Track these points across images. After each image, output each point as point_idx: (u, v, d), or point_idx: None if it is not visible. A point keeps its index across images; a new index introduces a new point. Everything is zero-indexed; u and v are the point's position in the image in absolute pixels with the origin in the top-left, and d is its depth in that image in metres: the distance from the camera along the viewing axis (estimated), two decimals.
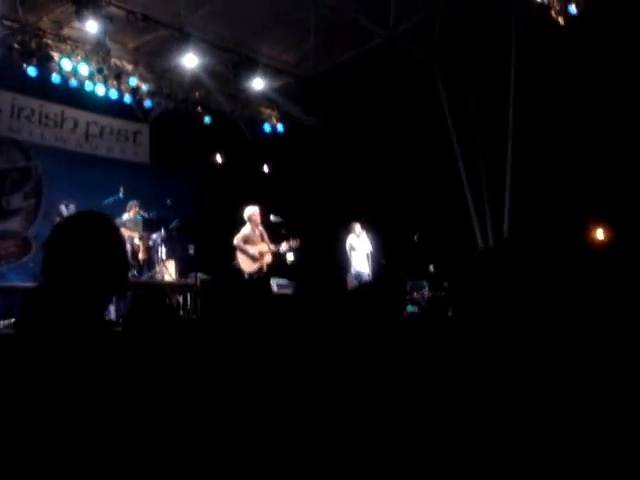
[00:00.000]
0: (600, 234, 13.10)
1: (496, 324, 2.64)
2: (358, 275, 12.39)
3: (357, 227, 12.69)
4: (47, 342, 1.91)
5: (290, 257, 11.83)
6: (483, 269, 2.83)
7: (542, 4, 10.68)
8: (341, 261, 12.82)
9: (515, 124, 13.05)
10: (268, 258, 11.54)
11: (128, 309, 3.01)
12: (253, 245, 11.42)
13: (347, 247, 12.70)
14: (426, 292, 13.06)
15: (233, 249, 11.39)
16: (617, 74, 11.46)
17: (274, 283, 11.77)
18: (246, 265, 11.35)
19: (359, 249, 12.58)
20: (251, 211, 11.51)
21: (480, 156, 13.62)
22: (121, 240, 2.25)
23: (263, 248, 11.48)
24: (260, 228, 11.55)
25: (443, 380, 2.50)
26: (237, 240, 11.36)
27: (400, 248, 13.04)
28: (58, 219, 10.74)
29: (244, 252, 11.34)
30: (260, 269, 11.46)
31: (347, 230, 12.77)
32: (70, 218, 2.25)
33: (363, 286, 5.86)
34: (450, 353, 2.66)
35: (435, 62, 13.63)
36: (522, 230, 12.64)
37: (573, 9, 10.43)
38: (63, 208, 11.09)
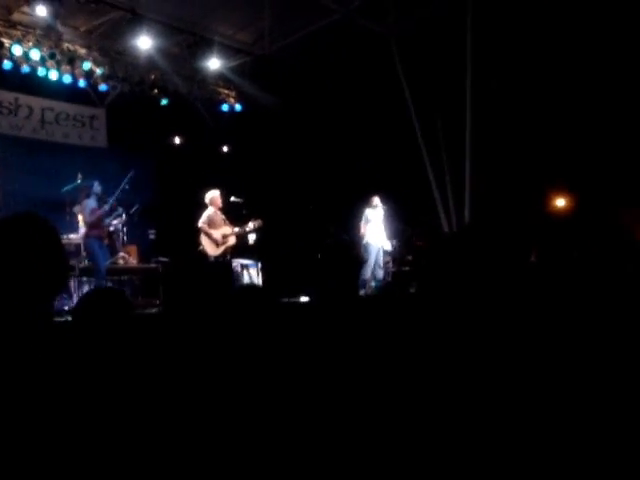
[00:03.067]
0: (561, 202, 13.25)
1: (460, 299, 2.65)
2: (367, 246, 12.47)
3: (375, 200, 12.78)
4: None
5: (252, 238, 11.80)
6: (449, 246, 2.83)
7: None
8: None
9: (473, 97, 13.09)
10: (232, 240, 11.52)
11: (78, 301, 2.97)
12: (216, 228, 11.40)
13: (363, 219, 12.74)
14: (390, 267, 13.14)
15: (197, 232, 11.35)
16: (572, 40, 11.54)
17: (238, 263, 11.75)
18: (210, 249, 11.33)
19: (374, 221, 12.65)
20: (212, 195, 11.48)
21: (440, 130, 13.66)
22: (57, 241, 2.21)
23: (226, 231, 11.45)
24: (220, 212, 11.53)
25: (406, 356, 2.51)
26: (201, 223, 11.32)
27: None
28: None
29: (208, 236, 11.31)
30: (225, 252, 11.45)
31: (366, 203, 12.84)
32: (3, 220, 2.21)
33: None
34: (414, 327, 2.68)
35: (392, 37, 13.60)
36: (485, 205, 12.74)
37: None
38: (96, 188, 10.93)
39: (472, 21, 12.65)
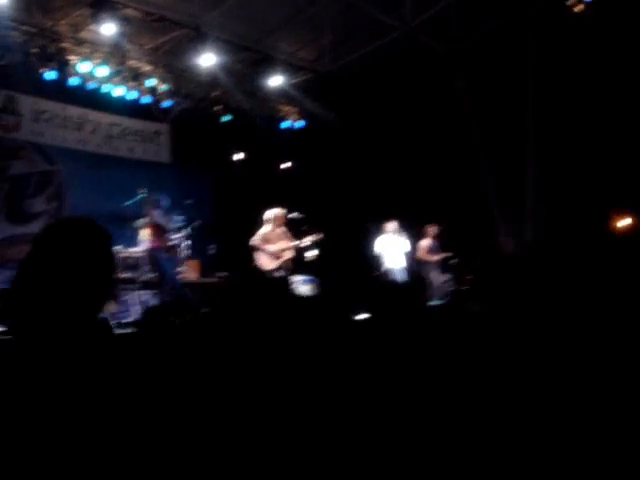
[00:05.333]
0: (626, 223, 12.99)
1: (520, 320, 2.63)
2: (390, 271, 12.36)
3: (391, 226, 12.63)
4: (38, 348, 1.92)
5: (312, 252, 11.78)
6: (510, 268, 2.82)
7: None
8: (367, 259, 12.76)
9: (536, 118, 12.97)
10: (289, 254, 11.50)
11: (146, 311, 3.01)
12: (273, 244, 11.39)
13: (377, 246, 12.63)
14: (449, 286, 13.02)
15: (251, 249, 11.37)
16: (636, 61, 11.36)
17: (297, 279, 11.74)
18: (265, 263, 11.32)
19: (392, 248, 12.51)
20: (275, 212, 11.46)
21: (501, 148, 13.53)
22: (105, 246, 2.23)
23: (283, 245, 11.44)
24: (282, 228, 11.52)
25: (466, 371, 2.50)
26: (254, 240, 11.31)
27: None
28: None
29: (263, 251, 11.31)
30: (280, 266, 11.43)
31: (381, 229, 12.71)
32: (53, 224, 2.24)
33: (386, 284, 5.85)
34: (474, 344, 2.66)
35: (453, 55, 13.56)
36: (546, 226, 12.57)
37: None
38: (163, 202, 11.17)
39: (533, 40, 12.56)
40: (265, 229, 11.41)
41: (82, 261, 2.09)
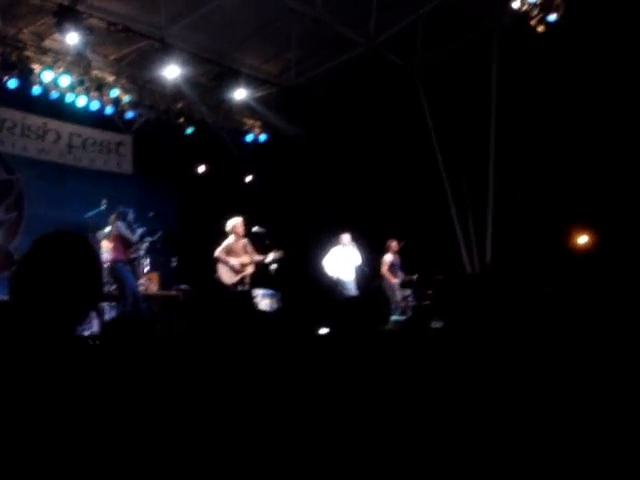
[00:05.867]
0: (583, 240, 13.17)
1: (483, 335, 2.65)
2: (341, 284, 12.34)
3: (345, 238, 12.52)
4: (17, 358, 1.91)
5: (273, 267, 11.77)
6: (472, 284, 2.85)
7: (522, 13, 10.74)
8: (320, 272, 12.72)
9: (497, 131, 13.14)
10: (250, 269, 11.49)
11: (106, 324, 3.01)
12: (236, 257, 11.38)
13: (330, 258, 12.56)
14: (410, 300, 13.09)
15: (214, 261, 11.34)
16: (597, 79, 11.55)
17: (258, 293, 11.73)
18: (227, 277, 11.30)
19: (344, 260, 12.44)
20: (234, 222, 11.46)
21: (463, 164, 13.66)
22: (96, 262, 2.26)
23: (245, 260, 11.43)
24: (244, 240, 11.50)
25: (430, 386, 2.51)
26: (218, 252, 11.31)
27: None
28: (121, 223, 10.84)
29: (225, 264, 11.29)
30: (241, 280, 11.41)
31: (335, 241, 12.63)
32: (47, 236, 2.25)
33: (347, 298, 5.87)
34: (438, 360, 2.68)
35: (417, 71, 13.69)
36: (506, 243, 12.70)
37: (552, 18, 10.49)
38: (129, 216, 11.05)
39: (497, 56, 12.75)
40: (229, 241, 11.39)
41: (76, 275, 2.10)
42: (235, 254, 11.38)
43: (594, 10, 10.86)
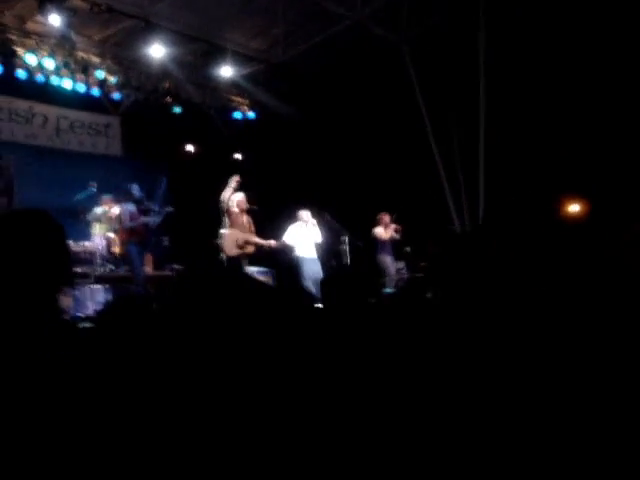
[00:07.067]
0: (574, 208, 13.18)
1: (476, 305, 2.64)
2: (300, 259, 11.97)
3: (304, 214, 12.09)
4: None
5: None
6: (461, 250, 2.83)
7: None
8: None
9: (487, 103, 13.09)
10: (250, 249, 11.42)
11: (101, 307, 2.97)
12: (242, 230, 11.26)
13: (288, 235, 12.08)
14: (404, 273, 13.10)
15: (226, 212, 11.22)
16: (585, 52, 11.51)
17: (252, 271, 11.71)
18: (228, 248, 11.15)
19: (303, 238, 12.04)
20: (237, 197, 11.34)
21: (454, 136, 13.64)
22: (59, 235, 2.21)
23: (250, 238, 11.35)
24: (246, 216, 11.42)
25: (424, 361, 2.49)
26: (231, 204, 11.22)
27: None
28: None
29: (230, 236, 11.14)
30: (240, 256, 11.35)
31: (294, 218, 12.22)
32: (4, 216, 2.22)
33: (336, 273, 5.86)
34: (430, 334, 2.66)
35: (404, 44, 13.62)
36: (497, 210, 12.68)
37: None
38: (135, 191, 10.97)
39: (484, 26, 12.68)
40: (233, 213, 11.28)
41: (35, 251, 2.07)
42: (240, 228, 11.25)
43: None
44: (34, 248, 2.07)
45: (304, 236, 12.04)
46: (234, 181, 11.24)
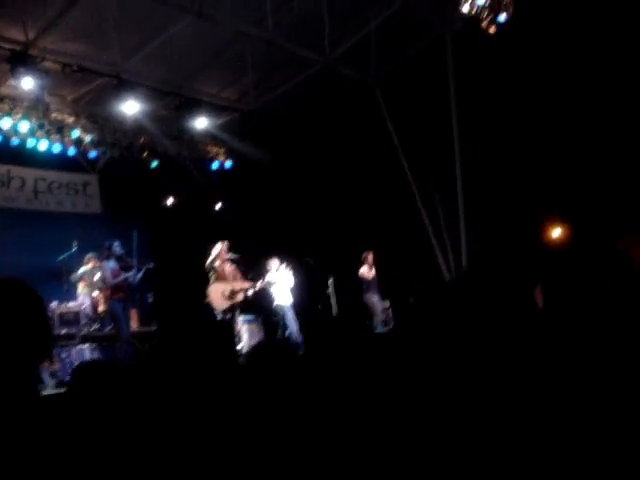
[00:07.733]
0: (557, 233, 13.26)
1: (466, 342, 2.66)
2: (281, 308, 12.04)
3: (275, 262, 12.23)
4: None
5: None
6: (448, 293, 2.86)
7: (472, 17, 10.83)
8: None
9: (461, 134, 13.21)
10: (240, 297, 11.43)
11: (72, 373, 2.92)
12: (226, 282, 11.29)
13: (263, 283, 12.03)
14: (390, 313, 13.10)
15: (204, 281, 11.23)
16: (554, 74, 11.65)
17: (240, 319, 11.69)
18: (217, 302, 11.20)
19: (279, 284, 12.10)
20: (217, 247, 11.40)
21: (431, 171, 13.69)
22: (41, 307, 2.16)
23: (236, 286, 11.36)
24: (230, 265, 11.45)
25: (417, 392, 2.51)
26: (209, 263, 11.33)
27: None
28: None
29: (216, 289, 11.21)
30: (231, 307, 11.35)
31: (264, 266, 12.28)
32: None
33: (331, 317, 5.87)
34: (423, 368, 2.67)
35: (376, 83, 13.77)
36: (481, 246, 12.72)
37: (502, 18, 10.58)
38: (116, 248, 10.85)
39: (452, 61, 12.86)
40: (215, 266, 11.33)
41: (10, 324, 2.02)
42: (224, 279, 11.30)
43: (545, 7, 11.00)
44: (9, 320, 2.02)
45: (278, 284, 12.09)
46: (218, 248, 11.34)
